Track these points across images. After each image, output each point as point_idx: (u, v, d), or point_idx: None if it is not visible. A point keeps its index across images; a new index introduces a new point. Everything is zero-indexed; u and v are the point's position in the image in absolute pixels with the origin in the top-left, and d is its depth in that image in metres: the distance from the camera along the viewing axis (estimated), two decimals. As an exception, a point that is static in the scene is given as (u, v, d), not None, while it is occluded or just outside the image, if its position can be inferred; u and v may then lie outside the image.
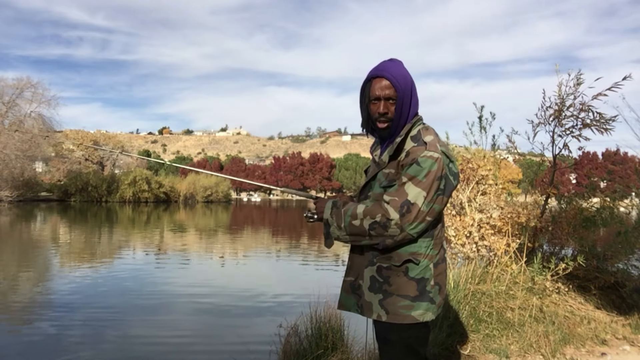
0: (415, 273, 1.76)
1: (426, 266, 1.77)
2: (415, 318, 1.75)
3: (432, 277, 1.78)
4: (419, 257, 1.76)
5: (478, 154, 5.62)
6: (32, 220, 27.11)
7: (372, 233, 1.73)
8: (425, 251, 1.77)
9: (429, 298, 1.77)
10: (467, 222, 5.14)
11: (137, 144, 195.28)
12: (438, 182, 1.70)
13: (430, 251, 1.78)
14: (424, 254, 1.77)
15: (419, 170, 1.70)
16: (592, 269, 4.84)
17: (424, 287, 1.76)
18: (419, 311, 1.76)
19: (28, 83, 47.83)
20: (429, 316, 1.77)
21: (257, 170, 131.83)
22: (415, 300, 1.75)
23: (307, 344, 3.41)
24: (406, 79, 1.80)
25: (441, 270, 1.83)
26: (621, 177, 78.75)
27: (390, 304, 1.77)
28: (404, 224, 1.69)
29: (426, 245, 1.78)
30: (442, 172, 1.72)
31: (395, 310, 1.76)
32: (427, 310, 1.77)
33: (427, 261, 1.78)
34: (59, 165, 58.96)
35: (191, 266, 11.65)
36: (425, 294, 1.76)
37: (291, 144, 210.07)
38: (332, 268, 11.81)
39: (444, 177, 1.73)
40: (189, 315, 6.72)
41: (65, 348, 5.17)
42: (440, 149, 1.74)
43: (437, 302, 1.79)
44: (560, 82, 5.02)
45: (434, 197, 1.71)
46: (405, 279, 1.76)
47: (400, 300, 1.76)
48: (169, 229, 22.53)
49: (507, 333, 3.83)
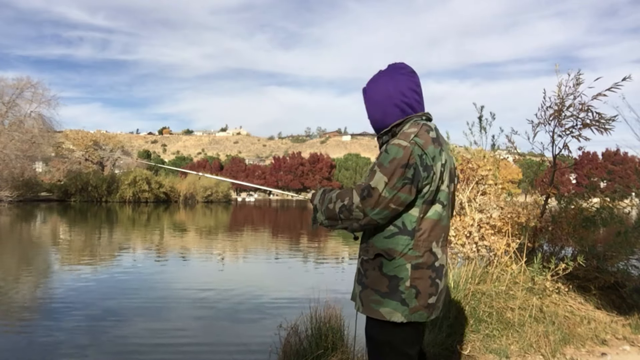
0: (388, 269, 1.75)
1: (401, 265, 1.73)
2: (383, 315, 1.74)
3: (408, 278, 1.72)
4: (393, 254, 1.74)
5: (478, 154, 5.62)
6: (32, 220, 27.11)
7: (341, 216, 1.78)
8: (402, 250, 1.74)
9: (400, 298, 1.73)
10: (467, 222, 5.14)
11: (137, 144, 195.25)
12: (403, 169, 1.68)
13: (408, 251, 1.74)
14: (400, 252, 1.74)
15: (385, 157, 1.73)
16: (592, 269, 4.84)
17: (395, 286, 1.73)
18: (386, 309, 1.74)
19: (28, 83, 47.85)
20: (398, 317, 1.72)
21: (257, 170, 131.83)
22: (384, 297, 1.75)
23: (307, 344, 3.41)
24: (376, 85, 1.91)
25: (423, 275, 1.74)
26: (621, 177, 78.72)
27: (364, 296, 1.80)
28: (366, 208, 1.71)
29: (404, 244, 1.74)
30: (410, 160, 1.69)
31: (367, 304, 1.79)
32: (396, 310, 1.73)
33: (403, 260, 1.73)
34: (59, 165, 58.93)
35: (191, 266, 11.66)
36: (397, 293, 1.73)
37: (291, 144, 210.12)
38: (332, 268, 11.81)
39: (413, 167, 1.69)
40: (189, 315, 6.71)
41: (65, 348, 5.17)
42: (412, 139, 1.73)
43: (410, 305, 1.73)
44: (560, 82, 5.03)
45: (397, 184, 1.68)
46: (379, 274, 1.77)
47: (372, 294, 1.78)
48: (169, 229, 22.54)
49: (507, 333, 3.83)
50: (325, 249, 16.11)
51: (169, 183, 56.18)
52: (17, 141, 44.22)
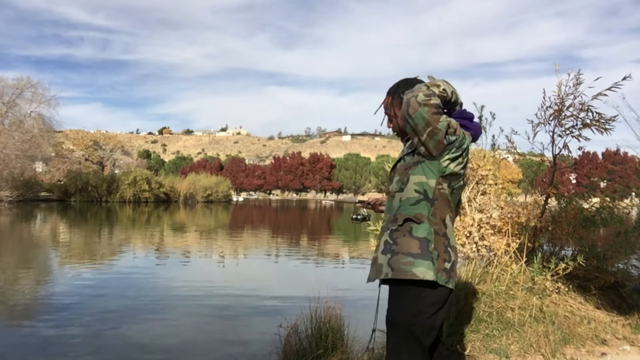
0: (418, 232, 1.91)
1: (427, 229, 1.92)
2: (416, 274, 1.87)
3: (432, 241, 1.91)
4: (422, 218, 1.93)
5: (478, 154, 5.62)
6: (32, 220, 27.12)
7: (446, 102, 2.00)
8: (427, 214, 1.94)
9: (431, 258, 1.88)
10: (467, 222, 5.14)
11: (137, 144, 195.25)
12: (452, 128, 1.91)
13: (431, 216, 1.94)
14: (426, 216, 1.93)
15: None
16: (592, 269, 4.84)
17: (426, 247, 1.89)
18: (420, 268, 1.87)
19: (28, 83, 47.83)
20: (430, 275, 1.86)
21: (257, 170, 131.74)
22: (417, 258, 1.89)
23: (307, 344, 3.42)
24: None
25: (439, 241, 1.93)
26: (621, 177, 78.71)
27: (395, 261, 1.92)
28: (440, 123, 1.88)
29: (427, 210, 1.94)
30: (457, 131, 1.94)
31: (398, 267, 1.91)
32: (428, 269, 1.87)
33: (428, 224, 1.92)
34: (59, 165, 58.98)
35: (191, 266, 11.66)
36: (427, 253, 1.89)
37: (291, 144, 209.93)
38: (333, 268, 11.82)
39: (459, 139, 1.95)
40: (189, 315, 6.72)
41: (65, 348, 5.17)
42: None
43: (437, 266, 1.89)
44: (560, 82, 5.02)
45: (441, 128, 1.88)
46: (409, 238, 1.92)
47: (403, 257, 1.90)
48: (169, 229, 22.54)
49: (507, 333, 3.83)
50: (325, 249, 16.11)
51: (169, 183, 56.16)
52: (17, 141, 44.19)
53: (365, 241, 14.05)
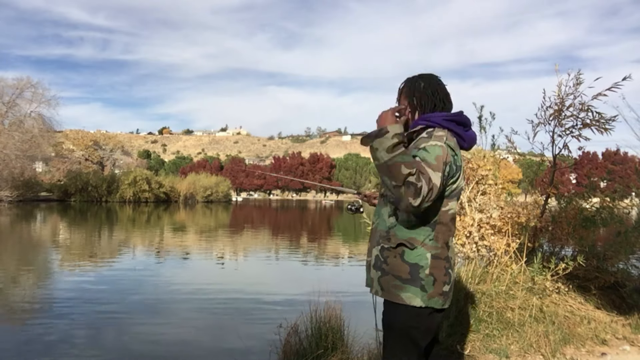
0: (409, 258, 1.86)
1: (422, 254, 1.86)
2: (403, 299, 1.85)
3: (427, 266, 1.85)
4: (415, 244, 1.86)
5: (478, 154, 5.61)
6: (32, 220, 27.12)
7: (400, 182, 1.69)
8: (423, 239, 1.87)
9: (420, 285, 1.85)
10: (467, 222, 5.14)
11: (137, 144, 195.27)
12: (444, 166, 1.80)
13: (429, 242, 1.87)
14: (421, 242, 1.86)
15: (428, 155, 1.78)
16: (592, 269, 4.84)
17: (416, 273, 1.85)
18: (407, 294, 1.85)
19: (28, 83, 47.85)
20: (417, 302, 1.84)
21: (257, 170, 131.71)
22: (405, 283, 1.86)
23: (307, 344, 3.42)
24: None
25: (439, 265, 1.87)
26: (621, 177, 78.73)
27: (385, 282, 1.90)
28: (428, 198, 1.70)
29: (425, 235, 1.87)
30: (447, 158, 1.82)
31: (388, 288, 1.89)
32: (415, 295, 1.84)
33: (424, 250, 1.86)
34: (59, 165, 59.01)
35: (191, 266, 11.66)
36: (417, 280, 1.85)
37: (291, 144, 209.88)
38: (332, 268, 11.82)
39: (449, 164, 1.84)
40: (189, 315, 6.72)
41: (65, 348, 5.18)
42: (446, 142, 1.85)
43: (428, 292, 1.85)
44: (560, 82, 5.02)
45: (441, 181, 1.78)
46: (400, 261, 1.87)
47: (393, 279, 1.88)
48: (169, 229, 22.54)
49: (507, 333, 3.83)
50: (325, 249, 16.11)
51: (169, 183, 56.19)
52: (17, 141, 44.20)
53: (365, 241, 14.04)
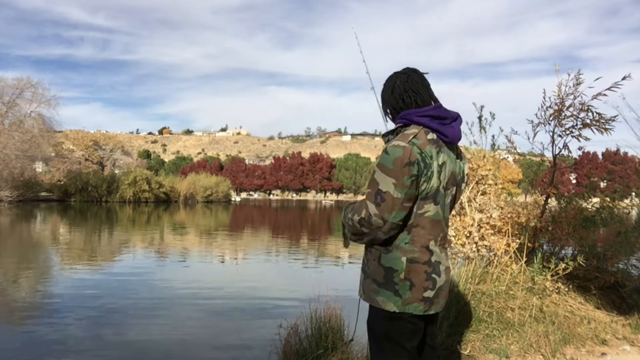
0: (384, 261, 1.83)
1: (397, 258, 1.81)
2: (379, 303, 1.84)
3: (402, 270, 1.80)
4: (390, 247, 1.83)
5: (478, 154, 5.61)
6: (32, 220, 27.12)
7: (364, 230, 1.81)
8: (399, 243, 1.81)
9: (394, 289, 1.81)
10: (467, 222, 5.14)
11: (137, 144, 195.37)
12: (408, 167, 1.72)
13: (405, 245, 1.81)
14: (396, 246, 1.82)
15: (386, 158, 1.76)
16: (592, 269, 4.84)
17: (391, 277, 1.81)
18: (381, 297, 1.83)
19: (28, 83, 47.86)
20: (390, 307, 1.81)
21: (257, 170, 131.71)
22: (380, 287, 1.84)
23: (307, 344, 3.41)
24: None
25: (418, 269, 1.80)
26: (621, 177, 78.75)
27: (366, 285, 1.91)
28: (384, 214, 1.74)
29: (400, 238, 1.82)
30: (411, 157, 1.73)
31: (367, 292, 1.89)
32: (389, 299, 1.81)
33: (399, 253, 1.81)
34: (59, 165, 58.99)
35: (191, 266, 11.66)
36: (391, 284, 1.81)
37: (291, 144, 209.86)
38: (332, 268, 11.82)
39: (416, 163, 1.74)
40: (189, 315, 6.72)
41: (65, 348, 5.17)
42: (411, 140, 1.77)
43: (404, 297, 1.79)
44: (560, 82, 5.02)
45: (406, 183, 1.73)
46: (377, 265, 1.86)
47: (372, 283, 1.87)
48: (169, 229, 22.54)
49: (507, 333, 3.83)
50: (325, 249, 16.11)
51: (169, 183, 56.20)
52: (17, 141, 44.20)
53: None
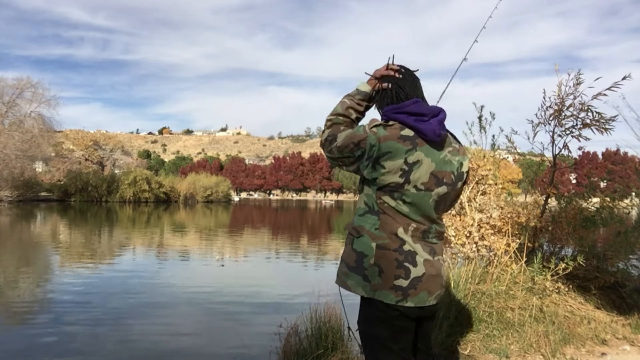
0: (356, 245, 1.87)
1: (367, 243, 1.84)
2: (349, 286, 1.87)
3: (372, 256, 1.81)
4: (361, 231, 1.86)
5: (478, 154, 5.61)
6: (32, 220, 27.12)
7: (327, 124, 2.02)
8: (369, 228, 1.85)
9: (363, 274, 1.83)
10: (467, 222, 5.14)
11: (137, 144, 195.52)
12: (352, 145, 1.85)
13: (374, 230, 1.84)
14: (367, 230, 1.85)
15: (356, 128, 1.92)
16: (592, 269, 4.84)
17: (361, 262, 1.84)
18: (350, 281, 1.87)
19: (28, 83, 47.91)
20: (360, 291, 1.84)
21: (257, 170, 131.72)
22: (350, 271, 1.87)
23: (307, 344, 3.41)
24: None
25: (387, 256, 1.79)
26: (621, 177, 78.77)
27: (340, 268, 1.95)
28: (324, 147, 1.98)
29: (371, 223, 1.86)
30: (361, 143, 1.83)
31: (340, 275, 1.93)
32: (358, 284, 1.84)
33: (369, 238, 1.84)
34: (59, 165, 59.04)
35: (191, 266, 11.66)
36: (360, 268, 1.84)
37: (291, 144, 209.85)
38: (333, 268, 11.81)
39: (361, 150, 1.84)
40: (188, 315, 6.72)
41: (65, 348, 5.18)
42: (374, 128, 1.86)
43: (372, 282, 1.80)
44: (560, 82, 5.02)
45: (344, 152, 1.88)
46: (350, 249, 1.90)
47: (344, 266, 1.92)
48: (169, 229, 22.54)
49: (507, 333, 3.83)
50: (326, 249, 16.11)
51: (169, 183, 56.23)
52: (17, 141, 44.24)
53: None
